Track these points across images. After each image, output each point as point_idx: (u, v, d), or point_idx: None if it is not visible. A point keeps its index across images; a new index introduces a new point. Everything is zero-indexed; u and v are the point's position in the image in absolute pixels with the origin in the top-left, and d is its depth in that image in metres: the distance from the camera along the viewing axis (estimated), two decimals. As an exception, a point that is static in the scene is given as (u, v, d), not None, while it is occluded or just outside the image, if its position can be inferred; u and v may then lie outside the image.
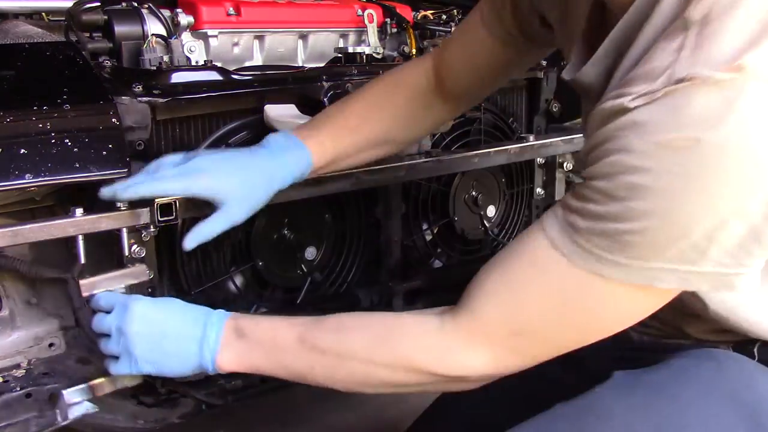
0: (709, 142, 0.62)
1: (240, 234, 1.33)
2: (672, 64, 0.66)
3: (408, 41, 1.60)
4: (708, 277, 0.69)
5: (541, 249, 0.74)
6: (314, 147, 1.13)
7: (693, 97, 0.63)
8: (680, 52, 0.66)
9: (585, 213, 0.71)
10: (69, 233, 0.98)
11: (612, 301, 0.73)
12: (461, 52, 1.16)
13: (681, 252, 0.67)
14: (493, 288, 0.79)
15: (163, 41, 1.28)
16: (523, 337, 0.78)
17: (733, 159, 0.63)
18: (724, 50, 0.64)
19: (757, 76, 0.63)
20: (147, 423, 1.26)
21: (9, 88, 1.00)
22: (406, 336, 0.85)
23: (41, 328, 1.17)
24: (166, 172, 1.04)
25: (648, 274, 0.70)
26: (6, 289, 1.14)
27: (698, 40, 0.66)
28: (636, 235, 0.68)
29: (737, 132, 0.62)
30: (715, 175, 0.63)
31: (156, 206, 1.05)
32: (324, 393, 1.96)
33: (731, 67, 0.63)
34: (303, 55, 1.51)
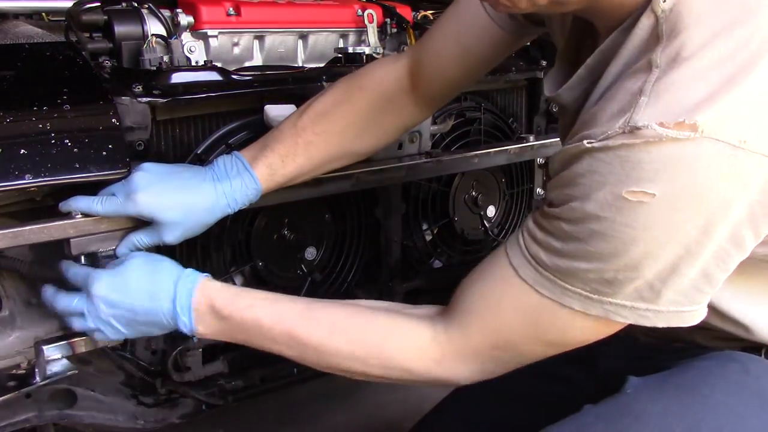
0: (661, 198, 0.66)
1: (240, 234, 1.33)
2: (630, 109, 0.68)
3: (408, 41, 1.60)
4: (663, 315, 0.74)
5: (510, 279, 0.80)
6: (262, 170, 1.09)
7: (649, 154, 0.66)
8: (640, 97, 0.68)
9: (548, 247, 0.76)
10: (69, 234, 0.98)
11: (578, 325, 0.78)
12: (451, 40, 1.10)
13: (638, 291, 0.73)
14: (476, 308, 0.84)
15: (163, 41, 1.28)
16: (504, 351, 0.84)
17: (684, 213, 0.67)
18: (681, 103, 0.66)
19: (710, 135, 0.65)
20: (147, 423, 1.27)
21: (9, 88, 1.00)
22: (400, 348, 0.88)
23: (41, 328, 1.17)
24: (112, 188, 1.01)
25: (607, 308, 0.75)
26: (6, 289, 1.14)
27: (658, 88, 0.68)
28: (594, 273, 0.73)
29: (689, 190, 0.66)
30: (666, 228, 0.68)
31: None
32: (324, 393, 1.97)
33: (687, 126, 0.65)
34: (303, 56, 1.51)
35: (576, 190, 0.71)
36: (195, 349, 1.28)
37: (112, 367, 1.24)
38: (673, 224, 0.68)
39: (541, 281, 0.77)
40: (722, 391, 0.84)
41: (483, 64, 1.13)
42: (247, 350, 1.34)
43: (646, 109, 0.67)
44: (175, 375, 1.27)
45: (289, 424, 1.90)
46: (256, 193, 1.09)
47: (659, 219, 0.68)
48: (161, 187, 1.01)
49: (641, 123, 0.66)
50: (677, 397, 0.84)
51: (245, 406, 1.50)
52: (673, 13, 0.70)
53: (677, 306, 0.74)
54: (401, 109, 1.16)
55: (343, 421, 1.93)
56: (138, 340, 1.27)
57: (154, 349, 1.29)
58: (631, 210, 0.68)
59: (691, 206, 0.67)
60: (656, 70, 0.69)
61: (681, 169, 0.66)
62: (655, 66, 0.69)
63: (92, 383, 1.21)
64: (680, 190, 0.66)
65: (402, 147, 1.41)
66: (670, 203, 0.67)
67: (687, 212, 0.67)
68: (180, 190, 1.02)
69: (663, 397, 0.84)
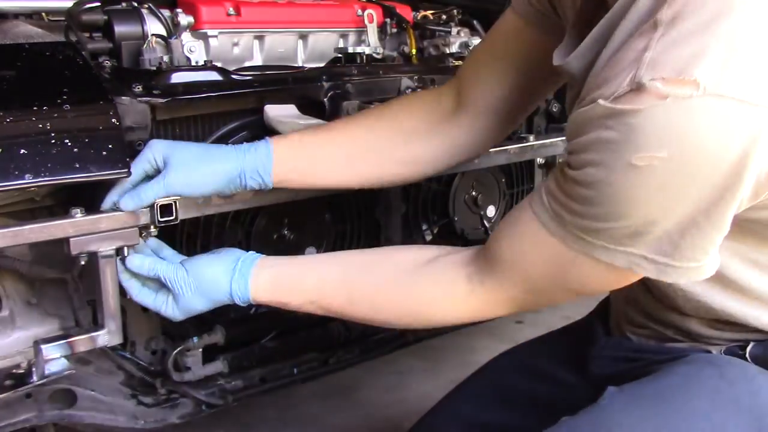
0: (671, 159, 0.68)
1: (240, 234, 1.33)
2: (635, 66, 0.69)
3: (408, 41, 1.60)
4: (682, 271, 0.77)
5: (540, 235, 0.82)
6: (278, 141, 1.06)
7: (654, 119, 0.67)
8: (644, 53, 0.69)
9: (569, 209, 0.78)
10: (69, 234, 0.98)
11: (602, 274, 0.81)
12: (486, 50, 1.11)
13: (658, 243, 0.75)
14: (510, 262, 0.88)
15: (163, 41, 1.28)
16: (535, 295, 0.90)
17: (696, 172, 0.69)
18: (683, 57, 0.67)
19: (714, 91, 0.65)
20: (147, 423, 1.27)
21: (9, 88, 1.00)
22: (444, 309, 0.95)
23: (41, 328, 1.17)
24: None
25: (630, 259, 0.77)
26: (6, 289, 1.14)
27: (662, 44, 0.68)
28: (615, 231, 0.75)
29: (698, 149, 0.67)
30: (679, 187, 0.70)
31: (156, 207, 1.04)
32: (324, 393, 1.97)
33: (689, 83, 0.66)
34: (303, 55, 1.51)
35: (590, 156, 0.73)
36: (195, 349, 1.28)
37: (112, 367, 1.24)
38: (684, 183, 0.70)
39: (568, 236, 0.80)
40: (698, 398, 0.84)
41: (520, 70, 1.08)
42: (247, 350, 1.36)
43: (650, 65, 0.68)
44: (175, 375, 1.27)
45: (289, 424, 1.90)
46: (267, 154, 1.05)
47: (670, 179, 0.69)
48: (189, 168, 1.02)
49: (646, 79, 0.67)
50: (652, 407, 0.84)
51: (245, 406, 1.50)
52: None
53: (694, 262, 0.76)
54: (441, 123, 1.12)
55: (343, 421, 1.92)
56: (138, 340, 1.27)
57: (154, 349, 1.29)
58: (643, 174, 0.69)
59: (702, 165, 0.68)
60: (660, 28, 0.69)
61: (688, 128, 0.67)
62: (660, 24, 0.69)
63: (92, 383, 1.21)
64: (689, 149, 0.67)
65: (402, 147, 1.41)
66: (680, 164, 0.68)
67: (699, 171, 0.69)
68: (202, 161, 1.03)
69: (637, 407, 0.84)
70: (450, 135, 1.13)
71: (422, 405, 1.27)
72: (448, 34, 1.62)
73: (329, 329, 1.45)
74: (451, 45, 1.62)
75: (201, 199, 1.11)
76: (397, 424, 1.86)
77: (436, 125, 1.12)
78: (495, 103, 1.11)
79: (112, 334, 1.05)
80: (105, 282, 1.03)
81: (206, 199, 1.11)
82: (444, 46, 1.62)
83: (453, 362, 2.14)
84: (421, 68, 1.51)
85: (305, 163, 1.09)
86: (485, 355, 1.27)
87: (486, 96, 1.10)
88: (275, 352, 1.39)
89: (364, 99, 1.35)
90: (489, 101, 1.10)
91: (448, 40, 1.62)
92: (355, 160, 1.11)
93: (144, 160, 1.02)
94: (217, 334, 1.29)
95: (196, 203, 1.11)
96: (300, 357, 1.44)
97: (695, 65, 0.66)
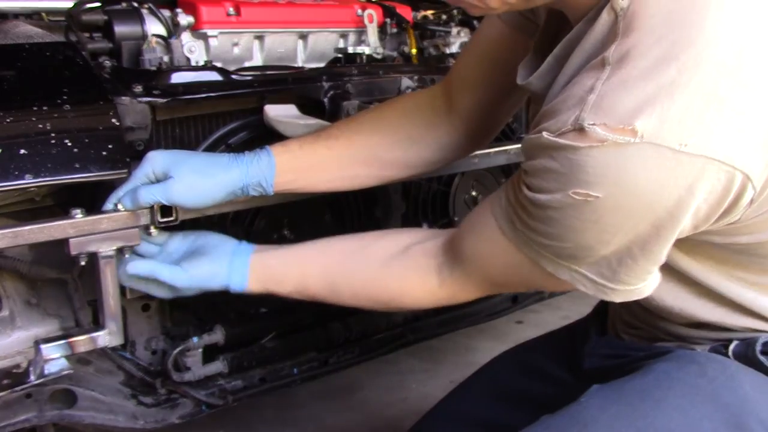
0: (606, 200, 0.71)
1: (240, 234, 1.32)
2: (581, 106, 0.71)
3: (408, 41, 1.60)
4: (619, 293, 0.81)
5: (497, 236, 0.87)
6: (278, 149, 1.07)
7: (592, 159, 0.70)
8: (589, 95, 0.71)
9: (521, 220, 0.82)
10: (69, 234, 0.98)
11: (552, 280, 0.85)
12: (472, 52, 1.12)
13: (597, 267, 0.79)
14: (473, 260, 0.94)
15: (163, 41, 1.28)
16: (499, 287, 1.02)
17: (629, 212, 0.72)
18: (625, 106, 0.68)
19: (651, 140, 0.67)
20: (147, 423, 1.27)
21: (9, 88, 1.00)
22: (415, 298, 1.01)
23: (41, 328, 1.17)
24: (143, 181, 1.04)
25: (572, 275, 0.82)
26: (6, 289, 1.14)
27: (606, 87, 0.70)
28: (558, 248, 0.80)
29: (632, 193, 0.70)
30: (613, 223, 0.73)
31: (156, 207, 1.04)
32: (324, 393, 1.97)
33: (628, 131, 0.67)
34: (303, 56, 1.51)
35: (536, 181, 0.77)
36: (195, 349, 1.28)
37: (112, 367, 1.24)
38: (619, 221, 0.73)
39: (521, 241, 0.84)
40: (676, 395, 0.84)
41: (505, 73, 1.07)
42: (247, 350, 1.36)
43: (593, 109, 0.70)
44: (175, 375, 1.27)
45: (289, 424, 1.90)
46: (269, 165, 1.05)
47: (605, 216, 0.73)
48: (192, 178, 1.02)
49: (587, 123, 0.69)
50: (630, 403, 0.85)
51: (245, 406, 1.50)
52: (630, 12, 0.71)
53: (630, 285, 0.81)
54: (435, 125, 1.13)
55: (343, 421, 1.92)
56: (138, 340, 1.27)
57: (154, 350, 1.29)
58: (579, 206, 0.73)
59: (635, 207, 0.71)
60: (608, 68, 0.71)
61: (623, 173, 0.69)
62: (607, 64, 0.71)
63: (92, 383, 1.21)
64: (623, 192, 0.70)
65: (402, 147, 1.41)
66: (615, 204, 0.71)
67: (632, 212, 0.72)
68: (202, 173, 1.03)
69: (614, 403, 0.86)
70: (445, 136, 1.14)
71: (422, 405, 1.27)
72: (448, 34, 1.62)
73: (329, 329, 1.45)
74: (451, 45, 1.62)
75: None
76: (397, 424, 1.86)
77: (432, 128, 1.14)
78: (485, 104, 1.13)
79: (113, 334, 1.05)
80: (105, 282, 1.03)
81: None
82: (444, 46, 1.62)
83: (453, 362, 2.14)
84: (421, 68, 1.51)
85: (305, 172, 1.10)
86: (485, 355, 1.27)
87: (475, 98, 1.12)
88: (275, 352, 1.39)
89: (364, 99, 1.35)
90: (478, 103, 1.12)
91: (448, 40, 1.62)
92: (355, 165, 1.12)
93: (142, 175, 1.01)
94: (217, 334, 1.29)
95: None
96: (300, 357, 1.44)
97: (636, 116, 0.67)
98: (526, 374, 1.16)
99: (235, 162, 1.04)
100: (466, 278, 0.96)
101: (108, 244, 1.01)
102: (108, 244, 1.01)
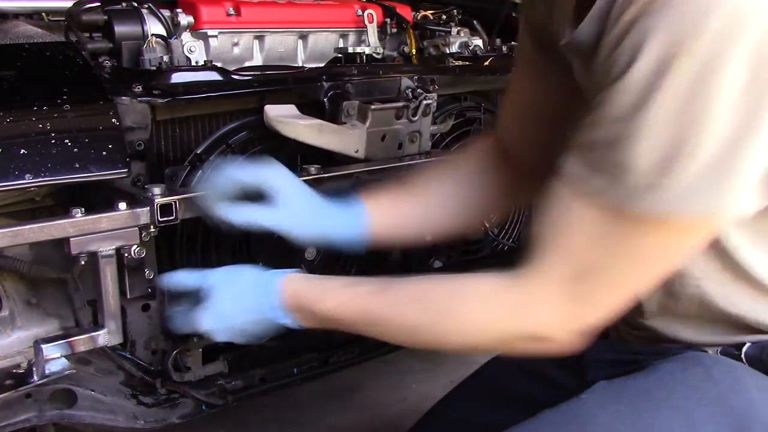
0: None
1: (240, 234, 1.32)
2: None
3: (408, 41, 1.60)
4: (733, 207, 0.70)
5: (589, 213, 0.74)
6: (369, 201, 1.06)
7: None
8: None
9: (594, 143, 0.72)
10: (69, 233, 0.98)
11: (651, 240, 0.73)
12: (513, 107, 1.10)
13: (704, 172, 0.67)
14: (549, 241, 0.78)
15: (163, 41, 1.28)
16: (587, 282, 0.76)
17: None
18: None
19: None
20: (147, 423, 1.27)
21: (9, 88, 1.00)
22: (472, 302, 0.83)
23: (41, 328, 1.17)
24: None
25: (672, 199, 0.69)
26: (6, 289, 1.14)
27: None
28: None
29: None
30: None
31: (156, 206, 1.05)
32: (324, 393, 1.97)
33: None
34: (303, 55, 1.51)
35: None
36: (195, 349, 1.28)
37: (112, 367, 1.24)
38: None
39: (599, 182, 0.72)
40: (679, 396, 0.82)
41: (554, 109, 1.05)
42: (247, 350, 1.36)
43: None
44: (175, 375, 1.27)
45: (289, 424, 1.90)
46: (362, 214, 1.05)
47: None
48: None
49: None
50: (631, 402, 0.83)
51: (245, 406, 1.50)
52: None
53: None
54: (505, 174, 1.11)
55: (344, 421, 1.93)
56: (138, 340, 1.27)
57: (154, 349, 1.29)
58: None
59: None
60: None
61: None
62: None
63: (92, 383, 1.21)
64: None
65: (402, 147, 1.41)
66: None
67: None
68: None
69: (616, 401, 0.83)
70: (505, 176, 1.11)
71: (422, 405, 1.26)
72: (448, 34, 1.62)
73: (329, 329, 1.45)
74: (451, 45, 1.62)
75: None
76: (397, 424, 1.86)
77: (496, 171, 1.11)
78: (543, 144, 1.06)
79: (112, 333, 1.06)
80: (105, 282, 1.03)
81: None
82: (444, 46, 1.62)
83: (453, 362, 2.14)
84: (421, 68, 1.51)
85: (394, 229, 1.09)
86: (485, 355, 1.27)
87: (532, 142, 1.08)
88: (275, 352, 1.39)
89: (364, 99, 1.36)
90: (536, 145, 1.08)
91: (448, 40, 1.62)
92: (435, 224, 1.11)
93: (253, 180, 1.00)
94: (217, 334, 1.29)
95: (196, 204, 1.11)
96: (300, 357, 1.44)
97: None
98: (525, 376, 1.15)
99: (342, 213, 1.04)
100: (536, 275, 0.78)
101: (108, 244, 1.01)
102: (108, 244, 1.01)
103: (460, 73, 1.53)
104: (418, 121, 1.41)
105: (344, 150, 1.34)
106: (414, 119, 1.41)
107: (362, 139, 1.35)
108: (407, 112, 1.39)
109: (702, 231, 0.75)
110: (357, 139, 1.34)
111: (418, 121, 1.41)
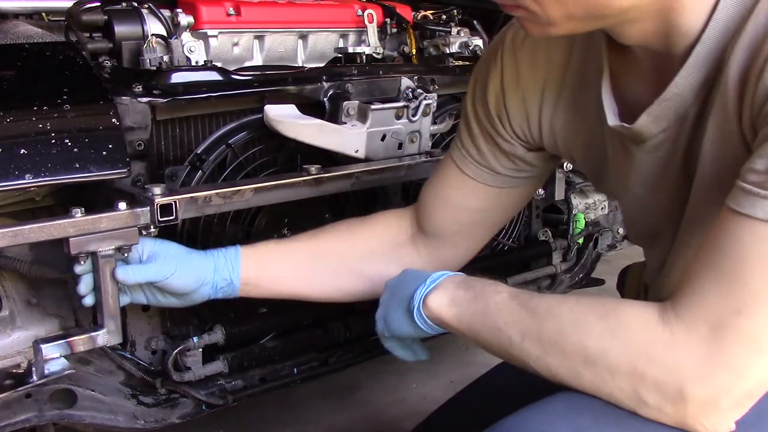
0: None
1: (240, 234, 1.33)
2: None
3: (408, 41, 1.60)
4: None
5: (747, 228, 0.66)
6: (246, 249, 1.10)
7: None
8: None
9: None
10: (69, 233, 0.98)
11: None
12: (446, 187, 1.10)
13: None
14: (709, 275, 0.68)
15: (163, 41, 1.28)
16: (746, 318, 0.66)
17: None
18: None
19: None
20: (147, 423, 1.27)
21: (9, 88, 1.00)
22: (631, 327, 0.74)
23: (41, 328, 1.17)
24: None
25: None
26: (6, 289, 1.14)
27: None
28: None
29: None
30: None
31: (156, 206, 1.05)
32: (324, 393, 1.97)
33: None
34: (303, 55, 1.51)
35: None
36: (195, 349, 1.28)
37: (112, 367, 1.24)
38: None
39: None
40: None
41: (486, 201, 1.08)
42: (247, 350, 1.36)
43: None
44: (175, 375, 1.27)
45: (289, 424, 1.90)
46: (236, 260, 1.08)
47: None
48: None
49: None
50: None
51: (245, 406, 1.50)
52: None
53: None
54: (401, 250, 1.14)
55: (343, 421, 1.93)
56: (138, 340, 1.27)
57: (154, 349, 1.29)
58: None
59: None
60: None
61: None
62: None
63: (92, 383, 1.21)
64: None
65: (402, 147, 1.42)
66: None
67: None
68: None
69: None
70: (406, 259, 1.11)
71: (422, 405, 1.27)
72: (448, 34, 1.62)
73: (329, 329, 1.45)
74: (451, 45, 1.62)
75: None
76: (397, 424, 1.86)
77: (395, 248, 1.14)
78: (457, 232, 1.10)
79: (112, 333, 1.06)
80: (105, 282, 1.03)
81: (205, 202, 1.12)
82: (444, 46, 1.62)
83: (453, 362, 2.14)
84: (421, 68, 1.51)
85: (270, 271, 1.12)
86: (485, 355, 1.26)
87: (445, 226, 1.10)
88: (275, 352, 1.39)
89: (364, 99, 1.36)
90: (449, 231, 1.10)
91: (448, 40, 1.62)
92: (325, 275, 1.14)
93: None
94: (217, 334, 1.29)
95: (196, 204, 1.11)
96: (300, 357, 1.44)
97: None
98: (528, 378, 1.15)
99: (207, 259, 1.07)
100: (696, 304, 0.69)
101: (108, 243, 1.01)
102: (108, 243, 1.01)
103: (460, 73, 1.53)
104: (418, 121, 1.41)
105: (344, 150, 1.34)
106: (414, 119, 1.41)
107: (362, 139, 1.35)
108: (407, 112, 1.39)
109: None
110: (357, 139, 1.34)
111: (418, 121, 1.41)
